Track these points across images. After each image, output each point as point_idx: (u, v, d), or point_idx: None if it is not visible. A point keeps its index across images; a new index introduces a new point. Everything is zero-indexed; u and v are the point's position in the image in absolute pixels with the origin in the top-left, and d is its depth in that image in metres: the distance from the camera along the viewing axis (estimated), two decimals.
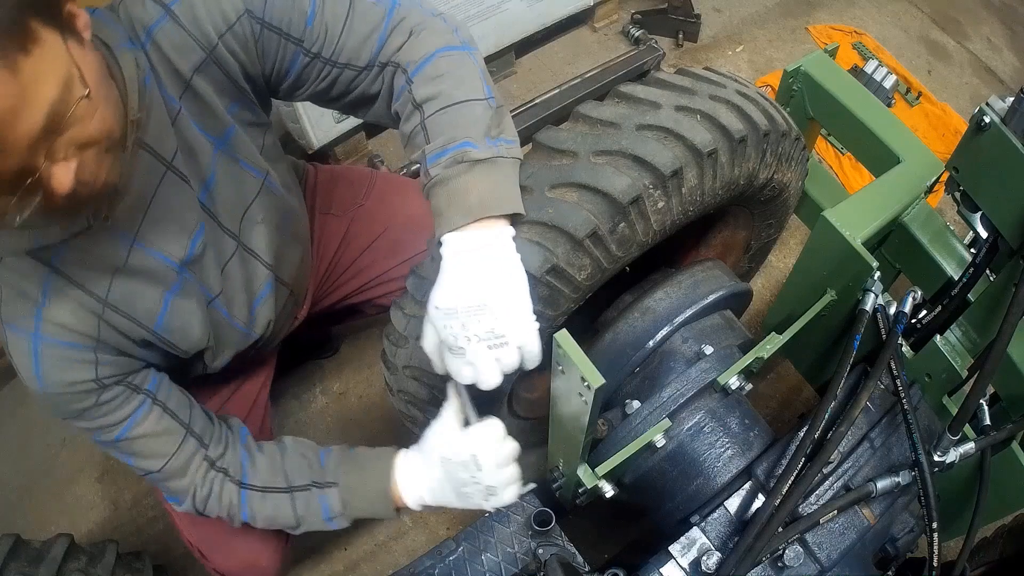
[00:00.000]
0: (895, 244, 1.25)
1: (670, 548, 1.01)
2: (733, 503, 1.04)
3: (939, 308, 1.14)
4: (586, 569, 1.09)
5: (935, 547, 1.00)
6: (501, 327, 0.80)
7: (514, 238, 0.84)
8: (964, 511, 1.16)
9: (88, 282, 0.88)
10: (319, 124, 2.05)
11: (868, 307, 1.14)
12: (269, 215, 1.07)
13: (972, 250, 1.17)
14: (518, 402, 1.38)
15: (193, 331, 1.01)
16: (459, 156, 0.81)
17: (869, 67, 2.42)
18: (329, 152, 2.26)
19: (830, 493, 1.03)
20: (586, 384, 0.80)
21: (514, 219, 0.86)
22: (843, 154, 2.41)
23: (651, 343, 1.15)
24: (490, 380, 0.82)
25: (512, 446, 0.97)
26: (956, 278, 1.16)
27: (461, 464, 0.96)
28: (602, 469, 1.02)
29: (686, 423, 1.11)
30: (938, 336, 1.12)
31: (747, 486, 1.06)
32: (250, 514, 1.04)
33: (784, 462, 1.02)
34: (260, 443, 1.08)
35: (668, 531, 1.11)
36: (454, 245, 0.81)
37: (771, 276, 2.15)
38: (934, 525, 1.00)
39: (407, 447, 1.06)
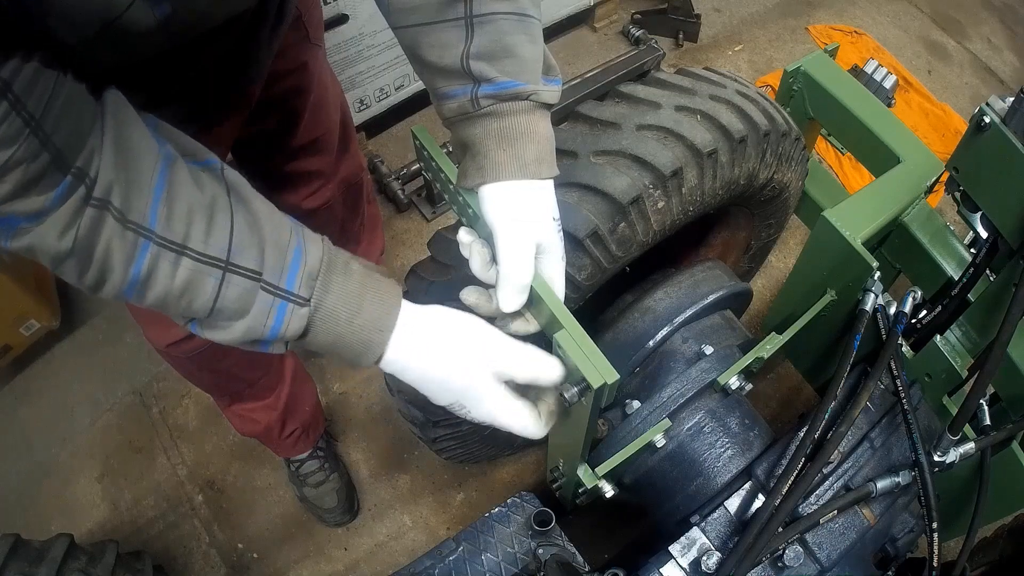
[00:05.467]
0: (895, 244, 1.25)
1: (670, 548, 1.01)
2: (733, 503, 1.04)
3: (939, 308, 1.14)
4: (586, 569, 1.09)
5: (935, 547, 1.00)
6: None
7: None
8: (964, 511, 1.16)
9: None
10: None
11: (868, 307, 1.14)
12: None
13: (972, 250, 1.17)
14: None
15: None
16: (521, 92, 0.68)
17: (869, 67, 2.42)
18: None
19: (830, 493, 1.03)
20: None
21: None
22: (843, 154, 2.41)
23: (651, 343, 1.15)
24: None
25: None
26: (956, 278, 1.16)
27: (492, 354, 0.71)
28: (602, 469, 1.02)
29: (686, 423, 1.11)
30: (938, 336, 1.12)
31: (747, 486, 1.06)
32: (148, 276, 0.60)
33: (784, 462, 1.02)
34: (201, 173, 0.64)
35: (668, 531, 1.11)
36: (510, 211, 0.70)
37: (771, 276, 2.15)
38: (934, 525, 1.00)
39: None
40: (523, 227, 0.71)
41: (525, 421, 0.74)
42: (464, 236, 0.76)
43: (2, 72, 0.50)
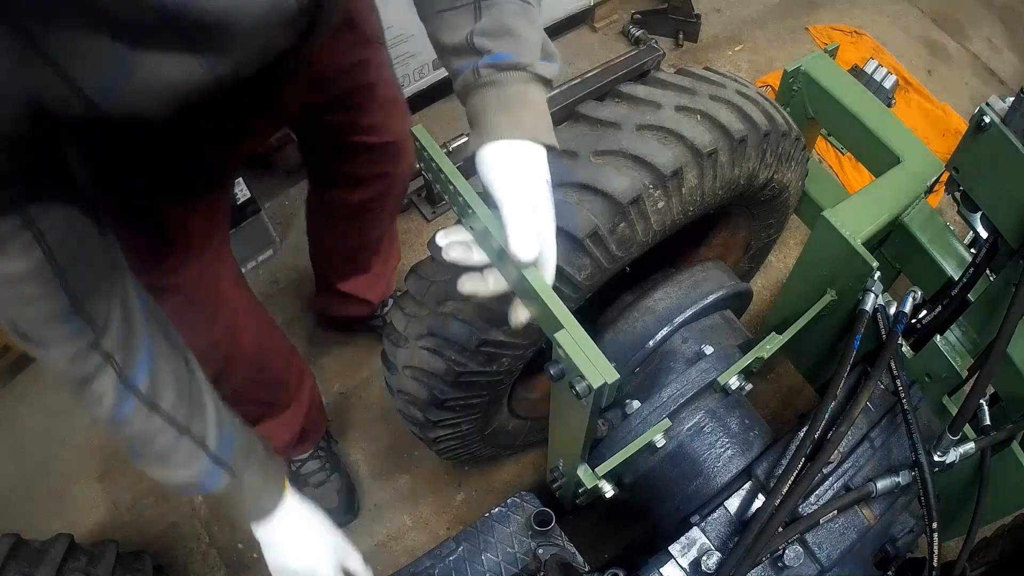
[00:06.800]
0: (895, 244, 1.25)
1: (670, 548, 1.01)
2: (733, 503, 1.04)
3: (939, 308, 1.14)
4: (586, 569, 1.09)
5: (935, 547, 1.00)
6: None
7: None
8: (964, 511, 1.16)
9: None
10: None
11: (868, 307, 1.14)
12: None
13: (972, 250, 1.17)
14: (518, 402, 1.38)
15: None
16: (519, 63, 0.74)
17: (869, 67, 2.42)
18: None
19: (830, 493, 1.03)
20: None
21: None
22: (843, 154, 2.41)
23: (651, 343, 1.15)
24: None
25: None
26: (956, 278, 1.16)
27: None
28: (602, 469, 1.02)
29: (686, 423, 1.11)
30: (938, 336, 1.12)
31: (747, 486, 1.06)
32: (125, 420, 0.77)
33: (784, 462, 1.02)
34: (166, 356, 0.81)
35: (668, 531, 1.11)
36: (506, 171, 0.73)
37: (771, 276, 2.15)
38: (934, 525, 1.00)
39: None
40: (519, 186, 0.74)
41: None
42: (440, 240, 0.79)
43: (40, 224, 0.62)
